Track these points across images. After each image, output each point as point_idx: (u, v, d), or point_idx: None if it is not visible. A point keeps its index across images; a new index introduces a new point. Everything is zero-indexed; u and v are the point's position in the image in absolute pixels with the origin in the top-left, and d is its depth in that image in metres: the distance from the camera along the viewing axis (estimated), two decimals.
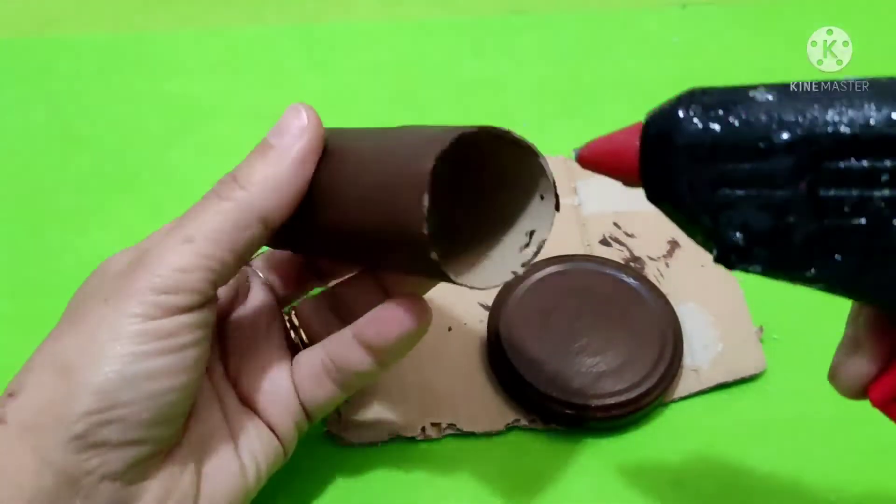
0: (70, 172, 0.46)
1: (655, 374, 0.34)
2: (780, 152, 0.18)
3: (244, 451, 0.28)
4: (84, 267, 0.42)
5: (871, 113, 0.18)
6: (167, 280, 0.24)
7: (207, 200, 0.26)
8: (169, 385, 0.24)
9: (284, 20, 0.56)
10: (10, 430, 0.23)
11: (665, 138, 0.19)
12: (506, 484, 0.33)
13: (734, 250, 0.19)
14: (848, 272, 0.19)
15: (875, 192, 0.18)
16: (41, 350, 0.25)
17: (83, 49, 0.53)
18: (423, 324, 0.28)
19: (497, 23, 0.55)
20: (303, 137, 0.26)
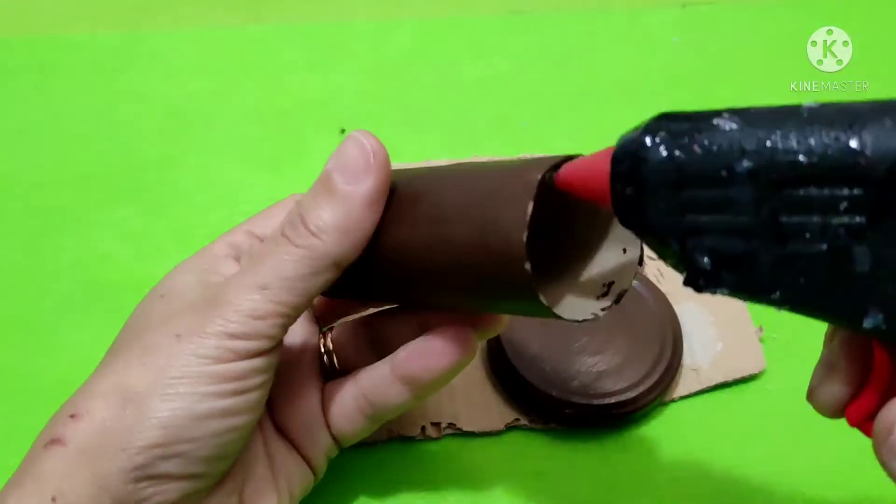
0: (70, 172, 0.46)
1: (655, 374, 0.34)
2: (742, 180, 0.19)
3: (280, 480, 0.29)
4: (84, 267, 0.42)
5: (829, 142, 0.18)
6: (242, 326, 0.24)
7: (278, 245, 0.26)
8: (232, 424, 0.25)
9: (284, 20, 0.56)
10: (69, 451, 0.24)
11: (633, 165, 0.20)
12: (506, 483, 0.33)
13: (702, 274, 0.20)
14: (812, 295, 0.19)
15: (834, 220, 0.18)
16: (106, 377, 0.25)
17: (83, 49, 0.53)
18: (470, 354, 0.28)
19: (497, 23, 0.55)
20: (372, 177, 0.26)
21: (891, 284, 0.19)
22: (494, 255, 0.23)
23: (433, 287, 0.27)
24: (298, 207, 0.26)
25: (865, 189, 0.18)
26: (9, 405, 0.36)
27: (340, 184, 0.25)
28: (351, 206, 0.25)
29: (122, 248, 0.42)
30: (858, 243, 0.18)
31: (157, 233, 0.43)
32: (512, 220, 0.22)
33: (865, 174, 0.18)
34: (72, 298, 0.40)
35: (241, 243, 0.29)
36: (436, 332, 0.27)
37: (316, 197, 0.26)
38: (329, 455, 0.30)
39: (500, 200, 0.23)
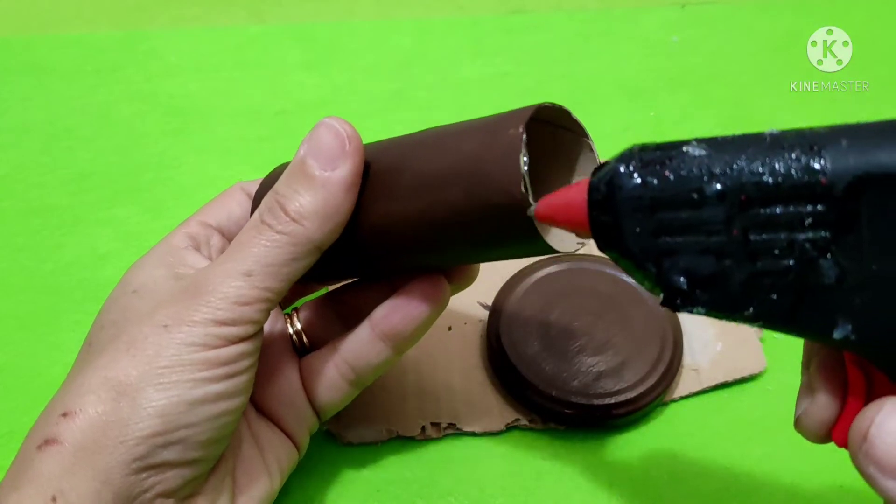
0: (69, 172, 0.46)
1: (655, 374, 0.34)
2: (713, 201, 0.20)
3: (269, 459, 0.29)
4: (84, 267, 0.42)
5: (791, 163, 0.19)
6: (228, 313, 0.25)
7: (260, 232, 0.26)
8: (226, 408, 0.25)
9: (284, 20, 0.56)
10: (66, 449, 0.24)
11: (608, 193, 0.21)
12: (506, 483, 0.33)
13: (678, 293, 0.21)
14: (783, 310, 0.20)
15: (800, 235, 0.19)
16: (94, 373, 0.25)
17: (82, 49, 0.53)
18: (445, 300, 0.29)
19: (497, 22, 0.55)
20: (348, 161, 0.26)
21: (857, 296, 0.19)
22: (496, 210, 0.24)
23: (424, 251, 0.27)
24: (275, 195, 0.26)
25: (827, 205, 0.19)
26: (9, 405, 0.36)
27: (317, 170, 0.26)
28: (329, 191, 0.26)
29: (122, 247, 0.42)
30: (824, 257, 0.19)
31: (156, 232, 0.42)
32: (509, 175, 0.23)
33: (827, 191, 0.19)
34: (71, 298, 0.40)
35: (197, 234, 0.30)
36: (411, 286, 0.28)
37: (293, 184, 0.26)
38: (311, 429, 0.31)
39: (492, 158, 0.24)
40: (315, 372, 0.30)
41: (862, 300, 0.19)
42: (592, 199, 0.22)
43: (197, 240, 0.30)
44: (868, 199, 0.19)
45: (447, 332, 0.37)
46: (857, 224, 0.19)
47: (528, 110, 0.24)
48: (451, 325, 0.38)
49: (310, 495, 0.33)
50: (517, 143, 0.23)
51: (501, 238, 0.25)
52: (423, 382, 0.36)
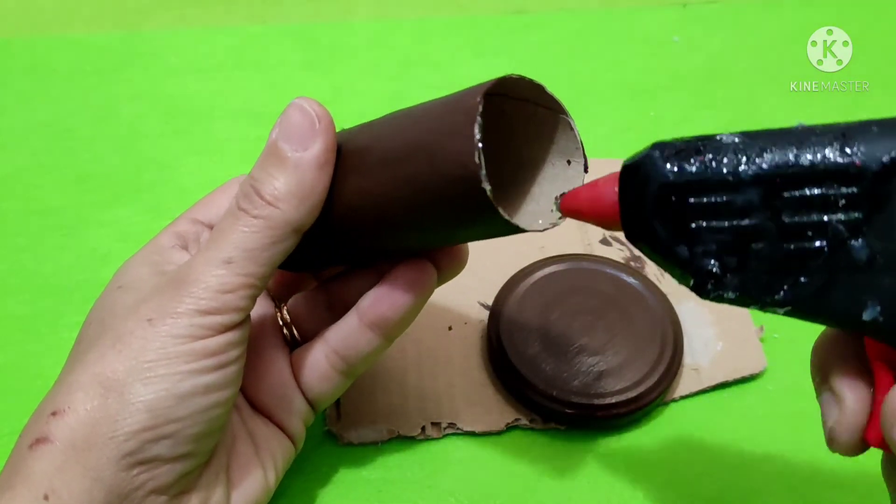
0: (70, 172, 0.46)
1: (656, 374, 0.34)
2: (747, 184, 0.20)
3: (263, 454, 0.29)
4: (84, 267, 0.42)
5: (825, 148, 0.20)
6: (211, 302, 0.25)
7: (237, 219, 0.26)
8: (215, 400, 0.25)
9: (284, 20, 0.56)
10: (56, 448, 0.24)
11: (642, 181, 0.21)
12: (506, 483, 0.33)
13: (710, 277, 0.21)
14: (813, 293, 0.21)
15: (832, 217, 0.20)
16: (83, 370, 0.25)
17: (83, 49, 0.53)
18: (432, 285, 0.28)
19: (497, 22, 0.55)
20: (319, 140, 0.26)
21: (887, 276, 0.20)
22: (452, 181, 0.24)
23: (396, 228, 0.27)
24: (250, 180, 0.26)
25: (860, 187, 0.20)
26: (9, 405, 0.36)
27: (289, 151, 0.26)
28: (303, 171, 0.26)
29: (122, 247, 0.42)
30: (856, 238, 0.20)
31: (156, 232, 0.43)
32: (463, 145, 0.23)
33: (860, 173, 0.20)
34: (72, 298, 0.40)
35: (186, 232, 0.30)
36: (396, 272, 0.28)
37: (266, 167, 0.26)
38: (306, 422, 0.31)
39: (447, 130, 0.24)
40: (306, 364, 0.30)
41: (891, 281, 0.20)
42: (624, 188, 0.22)
43: (185, 238, 0.29)
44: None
45: (447, 332, 0.38)
46: (888, 205, 0.20)
47: (488, 83, 0.24)
48: (451, 326, 0.38)
49: (310, 495, 0.33)
50: (472, 113, 0.23)
51: (463, 213, 0.25)
52: (423, 382, 0.36)
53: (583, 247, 0.41)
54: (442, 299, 0.38)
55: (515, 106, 0.26)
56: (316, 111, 0.26)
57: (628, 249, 0.41)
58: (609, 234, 0.41)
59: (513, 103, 0.25)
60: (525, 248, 0.40)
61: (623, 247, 0.41)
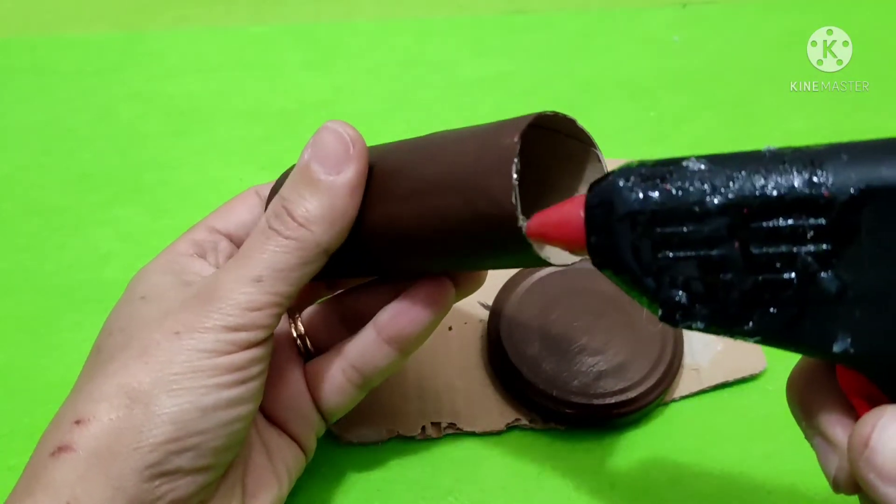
0: (70, 172, 0.46)
1: (655, 374, 0.34)
2: (714, 214, 0.20)
3: (278, 465, 0.29)
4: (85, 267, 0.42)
5: (793, 176, 0.19)
6: (239, 319, 0.25)
7: (268, 238, 0.26)
8: (238, 414, 0.25)
9: (284, 20, 0.56)
10: (79, 456, 0.24)
11: (607, 208, 0.21)
12: (506, 483, 0.33)
13: (678, 307, 0.21)
14: (783, 324, 0.20)
15: (801, 248, 0.20)
16: (106, 380, 0.25)
17: (83, 49, 0.53)
18: (450, 303, 0.29)
19: (497, 22, 0.55)
20: (353, 165, 0.26)
21: (857, 309, 0.19)
22: (487, 219, 0.24)
23: (422, 255, 0.27)
24: (282, 201, 0.26)
25: (829, 218, 0.19)
26: (10, 405, 0.36)
27: (322, 174, 0.26)
28: (335, 195, 0.26)
29: (123, 247, 0.42)
30: (825, 270, 0.19)
31: (157, 233, 0.43)
32: (500, 185, 0.23)
33: (828, 204, 0.19)
34: (72, 298, 0.40)
35: (203, 241, 0.30)
36: (415, 288, 0.28)
37: (299, 188, 0.26)
38: (318, 433, 0.31)
39: (483, 168, 0.24)
40: (321, 376, 0.30)
41: (861, 313, 0.19)
42: (590, 214, 0.21)
43: (203, 246, 0.30)
44: (868, 213, 0.19)
45: (448, 332, 0.38)
46: (857, 237, 0.19)
47: (525, 119, 0.24)
48: (451, 326, 0.38)
49: (311, 495, 0.33)
50: (510, 154, 0.23)
51: (495, 248, 0.25)
52: (423, 382, 0.36)
53: None
54: None
55: (545, 136, 0.26)
56: (350, 135, 0.26)
57: None
58: None
59: (543, 133, 0.25)
60: None
61: None
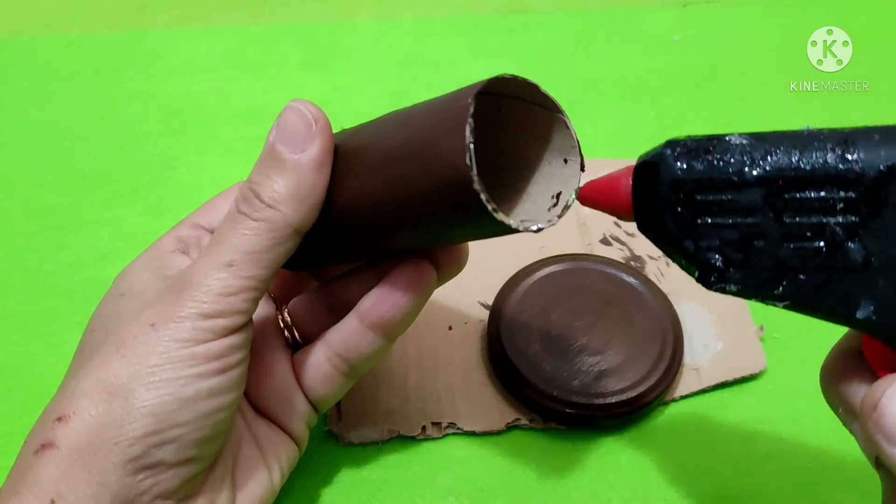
0: (69, 172, 0.46)
1: (656, 373, 0.34)
2: (752, 185, 0.22)
3: (268, 456, 0.29)
4: (85, 267, 0.42)
5: (827, 152, 0.21)
6: (214, 305, 0.25)
7: (237, 222, 0.26)
8: (219, 404, 0.25)
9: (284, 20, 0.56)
10: (62, 453, 0.24)
11: (654, 176, 0.23)
12: (506, 483, 0.33)
13: (713, 270, 0.22)
14: (811, 289, 0.22)
15: (831, 219, 0.21)
16: (86, 375, 0.25)
17: (82, 49, 0.53)
18: (431, 285, 0.29)
19: (497, 22, 0.55)
20: (317, 141, 0.26)
21: (881, 278, 0.21)
22: (444, 182, 0.24)
23: (392, 228, 0.27)
24: (249, 184, 0.26)
25: (858, 192, 0.21)
26: (9, 405, 0.36)
27: (287, 153, 0.26)
28: (302, 172, 0.26)
29: (122, 247, 0.42)
30: (852, 240, 0.21)
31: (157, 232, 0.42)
32: (454, 146, 0.23)
33: (858, 179, 0.21)
34: (72, 298, 0.40)
35: (187, 237, 0.30)
36: (395, 273, 0.28)
37: (265, 170, 0.26)
38: (309, 424, 0.31)
39: (439, 130, 0.24)
40: (308, 366, 0.30)
41: (884, 282, 0.21)
42: (638, 179, 0.23)
43: (186, 242, 0.30)
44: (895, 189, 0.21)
45: (448, 331, 0.38)
46: (883, 210, 0.21)
47: (480, 83, 0.24)
48: (451, 325, 0.38)
49: (311, 495, 0.33)
50: (463, 114, 0.23)
51: (457, 213, 0.25)
52: (423, 382, 0.36)
53: (583, 246, 0.41)
54: (442, 299, 0.38)
55: (510, 105, 0.26)
56: (312, 113, 0.26)
57: (628, 249, 0.41)
58: (609, 233, 0.41)
59: (508, 102, 0.25)
60: (525, 249, 0.40)
61: (623, 246, 0.41)
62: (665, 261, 0.40)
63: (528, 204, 0.26)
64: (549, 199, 0.26)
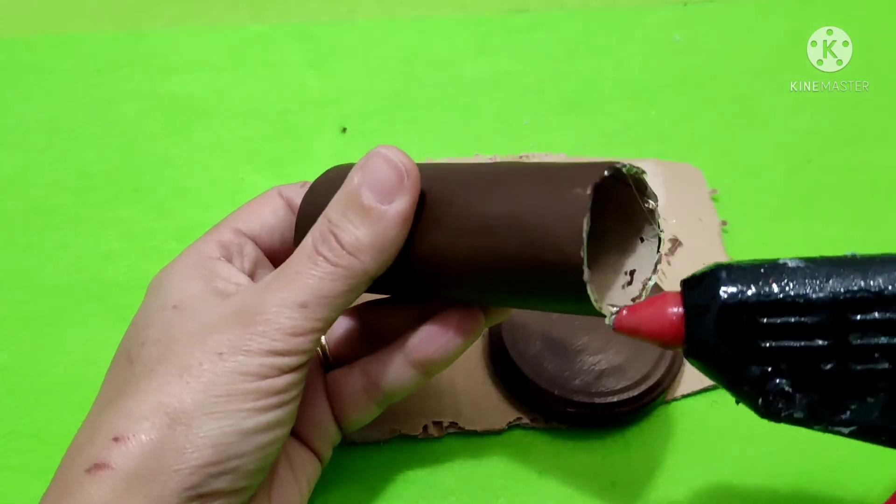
0: (70, 171, 0.46)
1: (657, 372, 0.35)
2: (817, 307, 0.22)
3: (299, 476, 0.29)
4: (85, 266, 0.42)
5: (887, 275, 0.21)
6: (282, 343, 0.25)
7: (315, 263, 0.26)
8: (275, 437, 0.25)
9: (285, 19, 0.56)
10: (117, 475, 0.23)
11: (708, 301, 0.22)
12: (507, 482, 0.33)
13: (781, 396, 0.22)
14: (878, 413, 0.22)
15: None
16: (145, 397, 0.25)
17: (83, 48, 0.53)
18: (480, 331, 0.29)
19: (498, 21, 0.55)
20: (406, 195, 0.26)
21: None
22: (550, 267, 0.23)
23: (468, 289, 0.27)
24: (329, 225, 0.26)
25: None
26: (11, 405, 0.36)
27: (373, 202, 0.26)
28: (386, 225, 0.26)
29: (124, 247, 0.42)
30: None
31: (159, 232, 0.43)
32: (569, 237, 0.23)
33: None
34: (73, 298, 0.40)
35: (230, 242, 0.29)
36: (447, 315, 0.28)
37: (348, 215, 0.26)
38: (334, 443, 0.31)
39: (553, 215, 0.23)
40: (344, 393, 0.30)
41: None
42: (689, 308, 0.23)
43: (229, 249, 0.29)
44: None
45: None
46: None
47: (599, 169, 0.23)
48: None
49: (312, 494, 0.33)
50: (582, 205, 0.23)
51: (547, 294, 0.25)
52: None
53: None
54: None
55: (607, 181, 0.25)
56: (405, 165, 0.26)
57: None
58: None
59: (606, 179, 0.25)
60: None
61: None
62: (667, 259, 0.40)
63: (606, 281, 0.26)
64: (623, 275, 0.26)
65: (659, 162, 0.44)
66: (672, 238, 0.41)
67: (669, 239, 0.41)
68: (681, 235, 0.41)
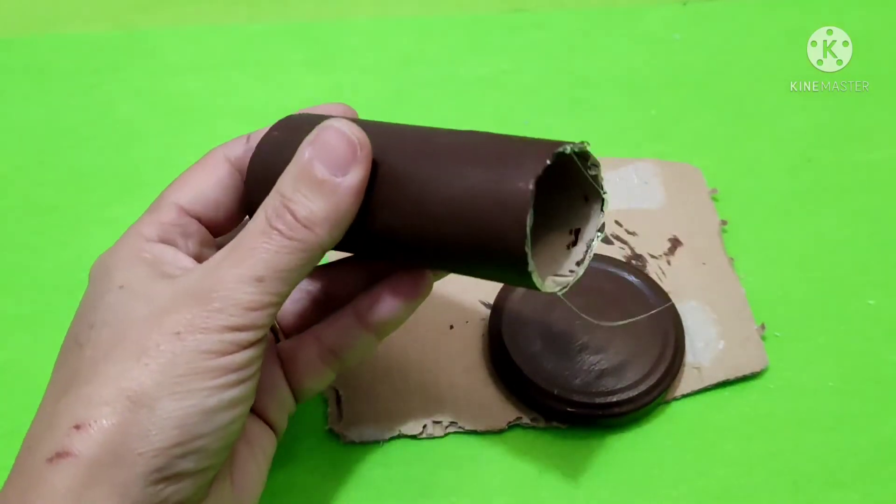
0: (69, 171, 0.46)
1: (657, 372, 0.34)
2: None
3: (257, 451, 0.29)
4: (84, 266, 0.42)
5: None
6: (240, 319, 0.25)
7: (269, 237, 0.25)
8: (237, 414, 0.25)
9: (284, 18, 0.56)
10: (81, 462, 0.23)
11: None
12: (507, 482, 0.33)
13: None
14: None
15: None
16: (104, 383, 0.24)
17: (83, 48, 0.53)
18: (430, 289, 0.29)
19: (497, 21, 0.55)
20: (359, 168, 0.26)
21: None
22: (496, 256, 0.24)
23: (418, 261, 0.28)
24: (282, 199, 0.26)
25: None
26: (10, 405, 0.36)
27: (327, 175, 0.26)
28: (341, 197, 0.26)
29: None
30: None
31: None
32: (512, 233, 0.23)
33: None
34: (72, 297, 0.40)
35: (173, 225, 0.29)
36: (397, 278, 0.29)
37: (301, 188, 0.26)
38: (290, 413, 0.31)
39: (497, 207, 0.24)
40: (299, 361, 0.30)
41: None
42: None
43: (173, 232, 0.29)
44: None
45: (449, 330, 0.37)
46: None
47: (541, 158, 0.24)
48: (452, 324, 0.38)
49: (311, 494, 0.33)
50: (525, 201, 0.23)
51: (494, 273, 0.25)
52: (425, 381, 0.36)
53: None
54: (444, 298, 0.38)
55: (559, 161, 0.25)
56: (357, 136, 0.26)
57: (630, 248, 0.41)
58: (611, 232, 0.41)
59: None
60: None
61: (624, 245, 0.41)
62: (667, 259, 0.40)
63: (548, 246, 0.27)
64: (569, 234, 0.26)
65: (659, 161, 0.44)
66: (672, 238, 0.41)
67: (669, 239, 0.41)
68: (681, 235, 0.41)
